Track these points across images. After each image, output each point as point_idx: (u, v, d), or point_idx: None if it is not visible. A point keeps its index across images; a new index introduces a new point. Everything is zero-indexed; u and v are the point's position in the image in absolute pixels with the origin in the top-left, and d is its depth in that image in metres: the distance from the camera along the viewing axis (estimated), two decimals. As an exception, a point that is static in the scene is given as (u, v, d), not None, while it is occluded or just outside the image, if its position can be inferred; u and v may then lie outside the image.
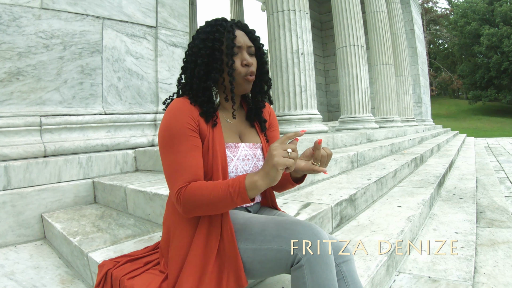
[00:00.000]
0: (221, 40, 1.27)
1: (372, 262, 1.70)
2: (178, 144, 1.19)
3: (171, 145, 1.20)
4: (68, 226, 2.18)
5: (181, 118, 1.21)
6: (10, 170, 2.50)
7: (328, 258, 1.05)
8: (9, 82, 2.78)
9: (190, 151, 1.20)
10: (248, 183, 1.07)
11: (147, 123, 3.59)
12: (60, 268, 1.98)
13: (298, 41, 5.32)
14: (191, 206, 1.14)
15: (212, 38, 1.27)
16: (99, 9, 3.29)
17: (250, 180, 1.07)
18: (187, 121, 1.21)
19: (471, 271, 1.90)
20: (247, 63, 1.29)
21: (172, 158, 1.19)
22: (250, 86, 1.35)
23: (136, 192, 2.28)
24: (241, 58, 1.29)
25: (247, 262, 1.16)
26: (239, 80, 1.30)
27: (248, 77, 1.30)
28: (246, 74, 1.30)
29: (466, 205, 3.16)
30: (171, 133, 1.20)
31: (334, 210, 2.19)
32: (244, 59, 1.29)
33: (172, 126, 1.21)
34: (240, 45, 1.29)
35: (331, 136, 4.70)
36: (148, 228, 2.06)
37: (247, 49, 1.32)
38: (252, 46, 1.33)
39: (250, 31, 1.35)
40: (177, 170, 1.18)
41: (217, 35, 1.27)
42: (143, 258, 1.38)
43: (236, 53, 1.29)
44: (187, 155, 1.19)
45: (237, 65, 1.28)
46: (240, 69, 1.29)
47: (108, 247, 1.76)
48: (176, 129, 1.20)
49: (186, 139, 1.20)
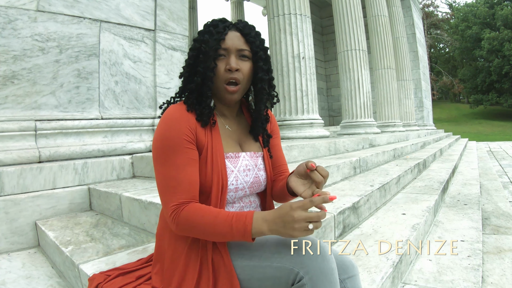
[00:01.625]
0: (207, 42, 1.19)
1: (377, 275, 1.63)
2: (173, 157, 1.12)
3: (165, 158, 1.13)
4: (61, 234, 2.12)
5: (177, 128, 1.14)
6: (3, 176, 2.44)
7: (331, 275, 0.98)
8: (3, 85, 2.73)
9: (186, 165, 1.13)
10: (255, 230, 1.01)
11: (145, 128, 3.53)
12: (52, 278, 1.92)
13: (299, 45, 5.30)
14: (187, 227, 1.08)
15: (200, 39, 1.21)
16: (96, 12, 3.23)
17: (258, 228, 1.01)
18: (184, 132, 1.14)
19: (479, 282, 1.83)
20: (229, 68, 1.19)
21: (167, 172, 1.13)
22: (234, 97, 1.24)
23: (131, 200, 2.22)
24: (226, 62, 1.21)
25: (245, 280, 1.09)
26: (220, 87, 1.22)
27: (228, 87, 1.21)
28: (226, 80, 1.20)
29: (471, 212, 3.09)
30: (166, 144, 1.14)
31: (337, 219, 2.12)
32: (227, 63, 1.20)
33: (167, 136, 1.14)
34: (227, 47, 1.20)
35: (333, 141, 4.64)
36: (143, 238, 2.00)
37: (237, 52, 1.22)
38: (245, 49, 1.23)
39: (248, 33, 1.24)
40: (171, 186, 1.11)
41: (206, 37, 1.20)
42: (135, 271, 1.31)
43: (222, 55, 1.21)
44: (183, 170, 1.12)
45: (219, 69, 1.20)
46: (222, 75, 1.20)
47: (100, 259, 1.70)
48: (171, 140, 1.13)
49: (182, 151, 1.13)
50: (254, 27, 1.29)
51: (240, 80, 1.22)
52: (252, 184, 1.29)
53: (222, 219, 1.04)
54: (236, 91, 1.23)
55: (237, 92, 1.23)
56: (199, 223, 1.05)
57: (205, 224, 1.05)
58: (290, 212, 0.96)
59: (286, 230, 0.96)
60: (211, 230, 1.04)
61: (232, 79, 1.20)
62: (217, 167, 1.18)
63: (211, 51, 1.18)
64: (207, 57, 1.19)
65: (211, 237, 1.07)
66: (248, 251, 1.11)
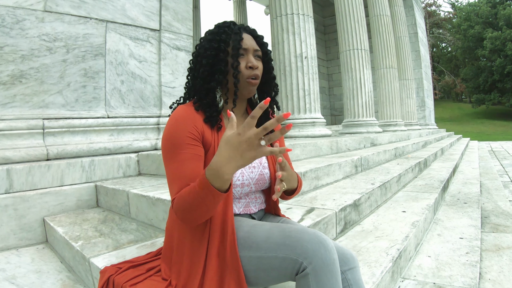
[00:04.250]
0: (227, 41, 1.27)
1: (377, 269, 1.68)
2: (178, 153, 1.18)
3: (172, 154, 1.19)
4: (70, 230, 2.17)
5: (182, 127, 1.20)
6: (12, 173, 2.50)
7: (333, 266, 1.04)
8: (12, 85, 2.78)
9: (190, 160, 1.18)
10: (209, 173, 1.01)
11: (150, 126, 3.58)
12: (62, 273, 1.97)
13: (301, 44, 5.33)
14: (181, 213, 1.12)
15: (218, 39, 1.27)
16: (102, 12, 3.29)
17: (212, 171, 1.00)
18: (189, 130, 1.20)
19: (476, 277, 1.87)
20: (251, 66, 1.27)
21: (172, 167, 1.19)
22: (254, 90, 1.33)
23: (139, 196, 2.27)
24: (246, 60, 1.28)
25: (252, 270, 1.14)
26: (243, 83, 1.28)
27: (251, 80, 1.28)
28: (249, 77, 1.28)
29: (470, 210, 3.13)
30: (172, 142, 1.20)
31: (338, 215, 2.17)
32: (249, 62, 1.28)
33: (173, 135, 1.21)
34: (246, 47, 1.28)
35: (335, 140, 4.68)
36: (151, 233, 2.05)
37: (254, 52, 1.30)
38: (259, 50, 1.32)
39: (258, 35, 1.35)
40: (174, 179, 1.17)
41: (223, 36, 1.27)
42: (145, 264, 1.36)
43: (242, 55, 1.28)
44: (185, 164, 1.17)
45: (242, 67, 1.27)
46: (244, 71, 1.27)
47: (110, 252, 1.75)
48: (177, 138, 1.19)
49: (186, 147, 1.19)
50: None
51: (259, 76, 1.32)
52: (257, 180, 1.34)
53: (192, 192, 1.06)
54: (257, 84, 1.31)
55: (257, 85, 1.32)
56: (185, 204, 1.09)
57: (189, 204, 1.08)
58: (236, 137, 0.96)
59: (241, 155, 0.96)
60: (194, 207, 1.07)
61: (253, 76, 1.29)
62: None
63: (234, 49, 1.26)
64: (229, 56, 1.27)
65: (200, 213, 1.09)
66: (255, 243, 1.15)
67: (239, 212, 1.35)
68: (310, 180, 2.84)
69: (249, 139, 0.94)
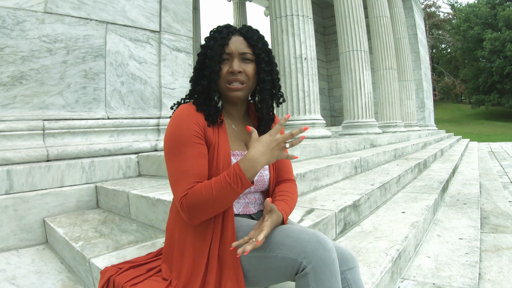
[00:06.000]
0: (212, 47, 1.27)
1: (376, 269, 1.69)
2: (184, 151, 1.19)
3: (176, 153, 1.20)
4: (70, 231, 2.18)
5: (186, 125, 1.21)
6: (12, 174, 2.50)
7: (333, 266, 1.04)
8: (12, 86, 2.78)
9: (195, 158, 1.19)
10: (243, 164, 1.11)
11: (150, 128, 3.59)
12: (62, 273, 1.97)
13: (301, 46, 5.33)
14: (194, 209, 1.13)
15: (206, 45, 1.29)
16: (102, 14, 3.29)
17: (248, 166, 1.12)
18: (193, 128, 1.21)
19: (475, 278, 1.88)
20: (232, 70, 1.27)
21: (177, 165, 1.19)
22: (238, 94, 1.31)
23: (139, 197, 2.28)
24: (229, 65, 1.28)
25: (252, 270, 1.15)
26: (223, 88, 1.29)
27: (230, 86, 1.28)
28: (228, 82, 1.28)
29: (470, 211, 3.14)
30: (177, 140, 1.20)
31: (338, 216, 2.17)
32: (230, 66, 1.28)
33: (177, 133, 1.21)
34: (230, 51, 1.28)
35: (335, 141, 4.69)
36: (151, 234, 2.05)
37: (239, 55, 1.29)
38: (247, 52, 1.30)
39: (250, 36, 1.32)
40: (181, 178, 1.18)
41: (211, 43, 1.28)
42: (145, 264, 1.37)
43: (227, 59, 1.29)
44: (192, 162, 1.18)
45: (223, 72, 1.28)
46: (225, 76, 1.28)
47: (111, 253, 1.75)
48: (182, 136, 1.20)
49: (192, 146, 1.20)
50: (258, 30, 1.36)
51: (245, 81, 1.30)
52: (257, 181, 1.35)
53: (217, 184, 1.12)
54: (239, 89, 1.30)
55: (242, 90, 1.30)
56: (202, 199, 1.12)
57: (207, 196, 1.12)
58: (269, 137, 1.14)
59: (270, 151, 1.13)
60: (215, 198, 1.12)
61: (234, 81, 1.28)
62: (223, 163, 1.24)
63: (216, 55, 1.26)
64: (212, 62, 1.27)
65: (218, 205, 1.15)
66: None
67: (238, 213, 1.36)
68: (309, 181, 2.85)
69: (278, 140, 1.12)
